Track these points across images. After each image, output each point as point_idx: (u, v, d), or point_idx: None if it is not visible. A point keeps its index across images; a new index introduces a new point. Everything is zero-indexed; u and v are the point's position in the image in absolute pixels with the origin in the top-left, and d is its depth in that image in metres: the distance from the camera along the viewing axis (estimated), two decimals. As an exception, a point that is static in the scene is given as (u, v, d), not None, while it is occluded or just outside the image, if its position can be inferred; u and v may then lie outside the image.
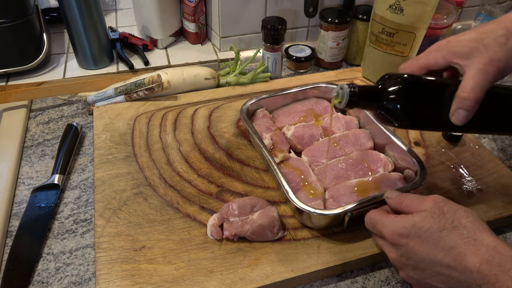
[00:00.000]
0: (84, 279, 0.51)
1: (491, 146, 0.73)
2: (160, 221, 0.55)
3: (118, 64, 0.90)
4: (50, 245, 0.55)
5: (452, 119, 0.46)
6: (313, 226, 0.54)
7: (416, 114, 0.47)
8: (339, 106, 0.47)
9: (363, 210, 0.51)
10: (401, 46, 0.76)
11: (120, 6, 1.12)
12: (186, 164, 0.63)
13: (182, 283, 0.48)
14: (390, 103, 0.46)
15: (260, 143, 0.60)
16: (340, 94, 0.46)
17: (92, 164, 0.66)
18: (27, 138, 0.71)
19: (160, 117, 0.72)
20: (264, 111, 0.70)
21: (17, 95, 0.74)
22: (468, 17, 1.11)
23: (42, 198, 0.60)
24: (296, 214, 0.56)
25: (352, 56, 0.94)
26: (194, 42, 0.96)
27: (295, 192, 0.55)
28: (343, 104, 0.46)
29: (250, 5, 0.88)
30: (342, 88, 0.46)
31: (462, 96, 0.44)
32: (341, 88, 0.46)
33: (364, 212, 0.51)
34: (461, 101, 0.44)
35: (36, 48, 0.83)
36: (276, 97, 0.71)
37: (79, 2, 0.78)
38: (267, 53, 0.82)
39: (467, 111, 0.44)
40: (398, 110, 0.46)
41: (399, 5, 0.71)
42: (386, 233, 0.47)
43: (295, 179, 0.58)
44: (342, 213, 0.51)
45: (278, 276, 0.49)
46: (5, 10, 0.76)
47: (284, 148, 0.64)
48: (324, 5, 0.93)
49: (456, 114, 0.45)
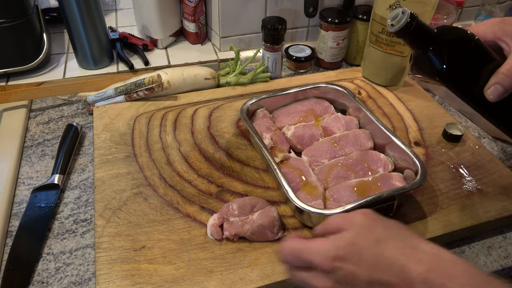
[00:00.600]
0: (84, 279, 0.51)
1: (491, 146, 0.73)
2: (160, 221, 0.55)
3: (118, 64, 0.90)
4: (50, 245, 0.55)
5: (487, 93, 0.46)
6: (313, 226, 0.54)
7: (458, 71, 0.47)
8: (391, 29, 0.47)
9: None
10: (401, 46, 0.76)
11: (120, 6, 1.12)
12: (186, 164, 0.63)
13: (182, 283, 0.48)
14: (440, 49, 0.46)
15: (260, 143, 0.60)
16: (398, 18, 0.46)
17: (92, 164, 0.66)
18: (27, 138, 0.71)
19: (160, 117, 0.72)
20: (264, 111, 0.70)
21: (17, 95, 0.74)
22: (468, 17, 1.11)
23: (42, 198, 0.60)
24: (296, 214, 0.56)
25: (352, 56, 0.94)
26: (194, 42, 0.96)
27: (295, 192, 0.55)
28: (396, 28, 0.46)
29: (250, 5, 0.88)
30: (404, 12, 0.46)
31: (503, 72, 0.45)
32: (403, 12, 0.46)
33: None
34: (502, 77, 0.45)
35: (36, 48, 0.83)
36: (276, 97, 0.71)
37: (79, 2, 0.78)
38: (267, 53, 0.82)
39: (504, 88, 0.45)
40: (444, 59, 0.46)
41: (399, 5, 0.71)
42: (317, 260, 0.39)
43: (295, 179, 0.58)
44: (342, 213, 0.51)
45: (278, 276, 0.49)
46: (5, 10, 0.76)
47: (284, 148, 0.64)
48: (324, 5, 0.93)
49: (493, 88, 0.46)
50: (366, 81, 0.84)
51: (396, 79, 0.82)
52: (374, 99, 0.79)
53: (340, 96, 0.72)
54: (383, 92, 0.81)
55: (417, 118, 0.74)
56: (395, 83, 0.82)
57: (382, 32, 0.76)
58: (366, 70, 0.84)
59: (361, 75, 0.86)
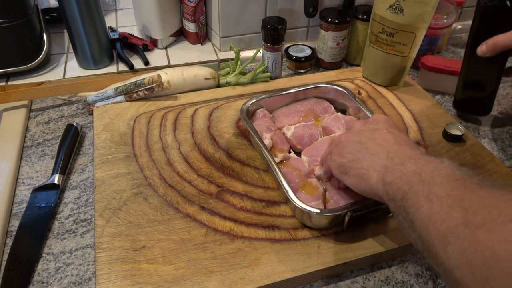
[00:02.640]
0: (84, 279, 0.51)
1: (491, 146, 0.73)
2: (160, 221, 0.55)
3: (118, 64, 0.90)
4: (50, 245, 0.55)
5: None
6: (313, 226, 0.54)
7: None
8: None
9: (363, 211, 0.52)
10: (401, 46, 0.76)
11: (120, 6, 1.12)
12: (186, 164, 0.63)
13: (182, 283, 0.48)
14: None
15: (260, 143, 0.60)
16: None
17: (92, 164, 0.66)
18: (27, 138, 0.71)
19: (160, 117, 0.72)
20: (264, 111, 0.70)
21: (17, 95, 0.74)
22: (468, 17, 1.11)
23: (42, 198, 0.60)
24: (296, 214, 0.56)
25: (352, 56, 0.94)
26: (194, 42, 0.96)
27: (295, 192, 0.55)
28: None
29: (250, 5, 0.88)
30: None
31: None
32: None
33: (365, 212, 0.51)
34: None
35: (36, 48, 0.83)
36: (276, 97, 0.71)
37: (79, 2, 0.78)
38: (267, 53, 0.82)
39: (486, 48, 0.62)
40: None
41: (399, 5, 0.71)
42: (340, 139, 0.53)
43: (294, 179, 0.58)
44: (342, 213, 0.51)
45: (278, 276, 0.49)
46: (5, 10, 0.76)
47: (284, 148, 0.64)
48: (324, 5, 0.93)
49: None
50: (366, 81, 0.84)
51: (396, 79, 0.82)
52: (374, 99, 0.79)
53: (340, 96, 0.72)
54: (383, 92, 0.81)
55: (417, 118, 0.74)
56: (395, 83, 0.82)
57: (382, 32, 0.76)
58: (366, 70, 0.84)
59: (361, 75, 0.85)
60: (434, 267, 0.34)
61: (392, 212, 0.41)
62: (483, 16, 0.66)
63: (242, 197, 0.58)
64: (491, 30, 0.64)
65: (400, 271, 0.53)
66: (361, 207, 0.52)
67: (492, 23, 0.65)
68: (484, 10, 0.65)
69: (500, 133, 0.76)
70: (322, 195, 0.57)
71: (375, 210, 0.53)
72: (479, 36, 0.67)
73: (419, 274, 0.53)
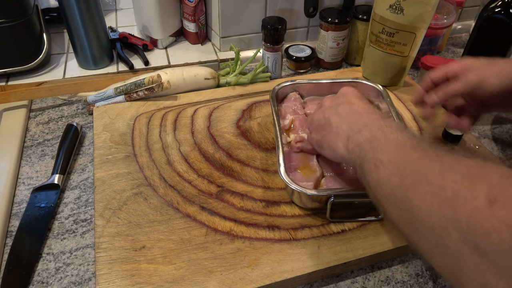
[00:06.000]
0: (84, 279, 0.51)
1: (491, 146, 0.73)
2: (160, 221, 0.55)
3: (118, 64, 0.90)
4: (50, 245, 0.55)
5: None
6: (301, 205, 0.56)
7: None
8: None
9: (347, 198, 0.53)
10: (401, 46, 0.76)
11: (120, 6, 1.12)
12: (186, 164, 0.63)
13: (182, 283, 0.48)
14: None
15: (277, 122, 0.61)
16: None
17: (92, 164, 0.66)
18: (27, 138, 0.71)
19: (160, 117, 0.72)
20: (296, 95, 0.71)
21: (17, 95, 0.74)
22: (468, 17, 1.11)
23: (42, 198, 0.60)
24: (287, 192, 0.58)
25: (352, 56, 0.94)
26: (194, 42, 0.96)
27: (292, 170, 0.57)
28: None
29: (250, 5, 0.88)
30: None
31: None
32: None
33: (348, 201, 0.54)
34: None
35: (36, 48, 0.83)
36: (311, 84, 0.72)
37: (79, 2, 0.78)
38: (267, 53, 0.82)
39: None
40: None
41: (399, 5, 0.71)
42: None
43: (296, 159, 0.60)
44: (324, 195, 0.52)
45: (278, 276, 0.49)
46: (5, 10, 0.76)
47: (302, 133, 0.64)
48: (324, 5, 0.93)
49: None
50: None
51: (396, 79, 0.82)
52: (374, 99, 0.79)
53: (375, 96, 0.71)
54: (383, 92, 0.81)
55: (417, 118, 0.74)
56: (395, 83, 0.82)
57: (382, 32, 0.76)
58: (366, 70, 0.84)
59: (361, 75, 0.85)
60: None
61: (358, 177, 0.45)
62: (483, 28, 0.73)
63: (242, 197, 0.58)
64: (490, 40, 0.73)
65: (400, 271, 0.53)
66: (345, 193, 0.53)
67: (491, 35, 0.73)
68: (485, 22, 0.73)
69: (500, 133, 0.77)
70: (317, 179, 0.57)
71: (358, 195, 0.53)
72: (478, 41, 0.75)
73: (419, 274, 0.53)
